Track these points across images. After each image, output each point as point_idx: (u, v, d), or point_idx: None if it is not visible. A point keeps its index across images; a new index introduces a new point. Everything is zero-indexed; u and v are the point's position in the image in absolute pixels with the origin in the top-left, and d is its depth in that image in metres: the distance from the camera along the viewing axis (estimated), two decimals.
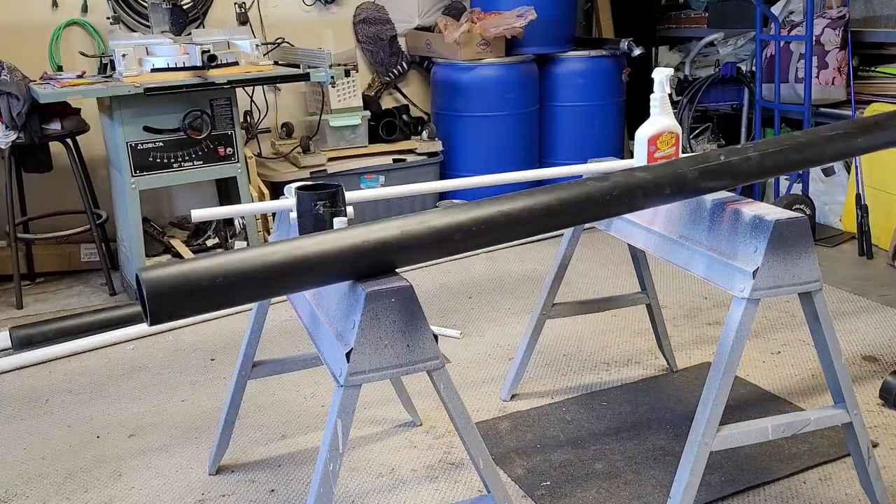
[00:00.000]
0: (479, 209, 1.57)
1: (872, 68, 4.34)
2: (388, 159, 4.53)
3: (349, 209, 1.76)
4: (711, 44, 5.14)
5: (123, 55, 3.44)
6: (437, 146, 4.60)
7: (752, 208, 1.82)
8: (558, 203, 1.64)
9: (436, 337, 1.53)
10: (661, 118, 2.18)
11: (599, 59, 4.75)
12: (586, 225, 2.46)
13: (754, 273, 1.74)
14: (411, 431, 2.52)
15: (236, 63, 3.60)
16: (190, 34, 3.71)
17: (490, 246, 1.66)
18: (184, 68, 3.47)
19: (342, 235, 1.47)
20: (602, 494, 2.16)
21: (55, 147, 3.80)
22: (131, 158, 3.45)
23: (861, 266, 3.87)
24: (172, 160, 3.54)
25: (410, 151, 4.59)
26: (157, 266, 1.34)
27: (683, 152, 2.22)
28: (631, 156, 2.28)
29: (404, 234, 1.50)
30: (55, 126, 3.62)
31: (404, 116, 4.66)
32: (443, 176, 4.66)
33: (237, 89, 3.62)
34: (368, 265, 1.49)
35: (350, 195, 1.90)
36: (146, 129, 3.46)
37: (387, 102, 4.97)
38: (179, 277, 1.33)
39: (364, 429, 2.54)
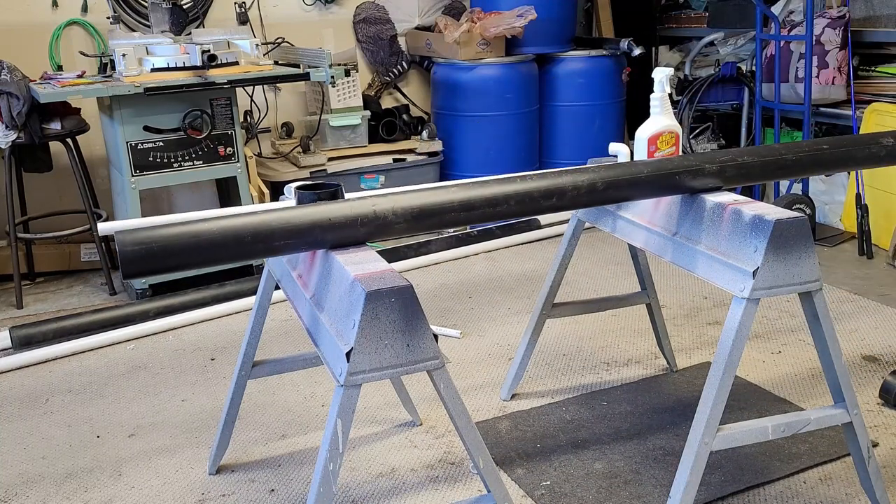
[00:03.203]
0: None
1: (873, 68, 4.34)
2: (388, 159, 4.53)
3: None
4: (711, 43, 5.14)
5: (123, 55, 3.44)
6: (437, 146, 4.60)
7: (752, 208, 1.82)
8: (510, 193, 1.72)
9: (436, 337, 1.53)
10: (661, 118, 2.18)
11: (599, 59, 4.75)
12: (587, 224, 2.47)
13: (754, 273, 1.74)
14: (411, 431, 2.52)
15: (236, 63, 3.60)
16: (190, 34, 3.71)
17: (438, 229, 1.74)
18: (184, 68, 3.47)
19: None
20: (602, 494, 2.16)
21: (55, 147, 3.80)
22: (131, 158, 3.45)
23: (861, 266, 3.87)
24: (172, 160, 3.54)
25: (410, 151, 4.59)
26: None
27: (683, 152, 2.22)
28: (631, 156, 2.28)
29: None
30: (55, 126, 3.62)
31: (404, 116, 4.66)
32: (443, 176, 4.66)
33: (237, 89, 3.62)
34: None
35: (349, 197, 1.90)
36: (146, 128, 3.46)
37: (387, 102, 4.97)
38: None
39: (364, 428, 2.54)
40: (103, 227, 1.86)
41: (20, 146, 3.62)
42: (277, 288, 2.12)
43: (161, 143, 3.50)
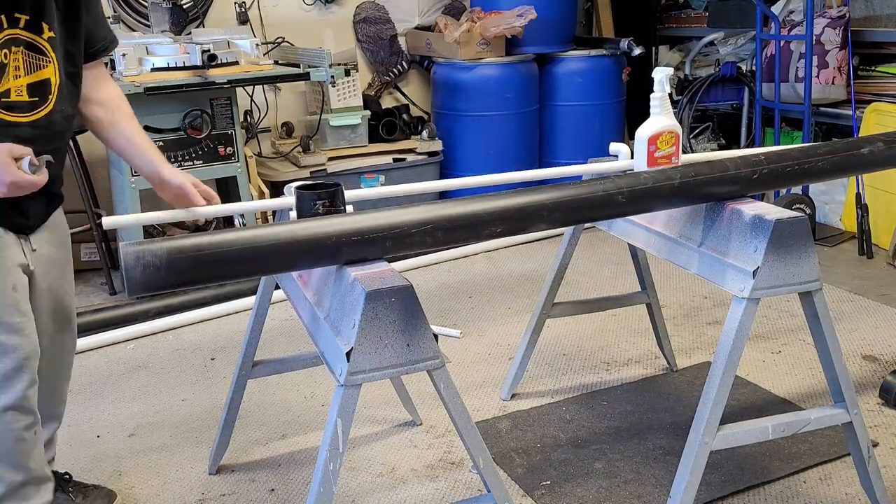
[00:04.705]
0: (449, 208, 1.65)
1: (873, 68, 4.34)
2: (388, 159, 4.53)
3: (349, 208, 1.76)
4: (711, 43, 5.14)
5: (123, 55, 3.44)
6: (437, 146, 4.60)
7: (752, 207, 1.82)
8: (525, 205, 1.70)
9: (436, 336, 1.53)
10: (661, 118, 2.18)
11: (599, 59, 4.75)
12: (587, 224, 2.47)
13: (754, 272, 1.74)
14: (411, 431, 2.52)
15: (236, 62, 3.60)
16: (190, 33, 3.71)
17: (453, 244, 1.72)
18: (184, 68, 3.46)
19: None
20: (602, 494, 2.16)
21: None
22: None
23: (861, 266, 3.87)
24: (172, 159, 3.53)
25: (410, 151, 4.58)
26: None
27: (683, 152, 2.22)
28: (631, 156, 2.27)
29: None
30: None
31: (404, 116, 4.66)
32: (443, 175, 4.66)
33: (237, 89, 3.62)
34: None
35: (350, 194, 1.90)
36: (146, 128, 3.43)
37: (387, 102, 4.97)
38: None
39: (364, 428, 2.54)
40: (108, 221, 1.87)
41: None
42: (277, 288, 2.11)
43: (161, 143, 3.49)
